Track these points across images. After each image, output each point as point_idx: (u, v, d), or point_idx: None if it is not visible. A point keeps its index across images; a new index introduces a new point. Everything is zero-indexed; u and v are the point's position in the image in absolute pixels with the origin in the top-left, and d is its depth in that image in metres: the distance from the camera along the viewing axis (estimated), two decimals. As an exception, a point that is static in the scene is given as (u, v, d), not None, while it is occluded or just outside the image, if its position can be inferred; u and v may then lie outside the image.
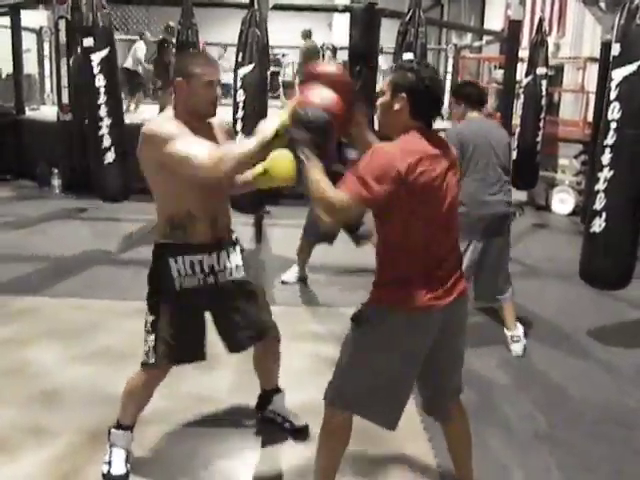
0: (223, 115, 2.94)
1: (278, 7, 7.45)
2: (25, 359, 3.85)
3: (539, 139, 8.23)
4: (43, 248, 6.27)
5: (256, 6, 6.62)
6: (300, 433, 3.09)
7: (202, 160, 2.37)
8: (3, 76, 12.53)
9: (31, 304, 4.74)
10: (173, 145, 2.42)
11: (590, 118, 8.98)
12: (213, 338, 2.85)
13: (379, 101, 2.32)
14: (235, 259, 2.79)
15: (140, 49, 11.48)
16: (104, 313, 4.55)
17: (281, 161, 2.38)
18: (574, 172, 8.98)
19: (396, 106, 2.25)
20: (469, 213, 3.91)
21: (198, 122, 2.58)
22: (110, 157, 6.48)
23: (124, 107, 11.03)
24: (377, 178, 2.09)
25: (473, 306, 4.61)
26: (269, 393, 3.16)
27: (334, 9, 12.61)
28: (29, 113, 10.53)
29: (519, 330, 4.29)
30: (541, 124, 8.26)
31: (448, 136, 3.91)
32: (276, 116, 2.35)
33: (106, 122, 6.43)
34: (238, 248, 2.84)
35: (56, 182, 9.13)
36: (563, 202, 9.04)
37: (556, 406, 3.61)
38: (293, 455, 3.00)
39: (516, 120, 8.53)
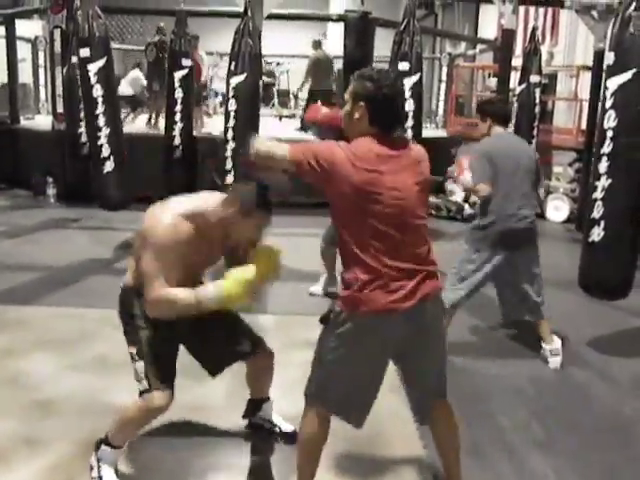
0: (216, 124, 2.97)
1: (272, 16, 7.47)
2: (19, 369, 3.83)
3: (533, 147, 8.24)
4: (37, 257, 6.26)
5: (250, 15, 6.65)
6: (289, 437, 3.11)
7: (152, 293, 2.51)
8: (-2, 86, 12.53)
9: (25, 314, 4.72)
10: (152, 260, 2.51)
11: (584, 126, 9.02)
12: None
13: (343, 110, 2.40)
14: None
15: (140, 78, 11.47)
16: (98, 322, 4.53)
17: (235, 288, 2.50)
18: (568, 180, 9.01)
19: (356, 114, 2.33)
20: (494, 226, 3.99)
21: (218, 232, 2.63)
22: (109, 166, 6.49)
23: (122, 116, 11.05)
24: (315, 154, 2.24)
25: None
26: (259, 401, 3.18)
27: (328, 18, 12.66)
28: (24, 122, 10.55)
29: (557, 343, 4.24)
30: (535, 132, 8.29)
31: (475, 152, 4.08)
32: (220, 287, 2.49)
33: (105, 132, 6.44)
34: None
35: (51, 191, 9.12)
36: (557, 209, 9.06)
37: (553, 414, 3.60)
38: (283, 463, 3.00)
39: (509, 128, 8.55)
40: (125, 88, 11.11)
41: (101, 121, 6.46)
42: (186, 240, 2.53)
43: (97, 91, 6.44)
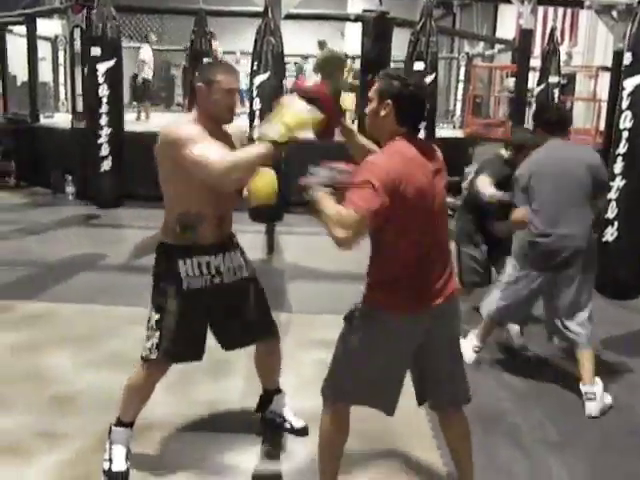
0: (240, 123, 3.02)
1: (290, 16, 7.49)
2: (38, 364, 3.88)
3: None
4: (56, 254, 6.33)
5: (270, 15, 6.67)
6: (300, 433, 3.15)
7: (214, 164, 2.46)
8: (19, 84, 12.66)
9: (44, 310, 4.78)
10: (190, 147, 2.51)
11: (602, 127, 8.97)
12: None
13: (367, 108, 2.41)
14: (238, 259, 2.90)
15: (145, 52, 11.53)
16: (116, 319, 4.58)
17: (263, 182, 2.58)
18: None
19: (382, 112, 2.34)
20: (534, 246, 3.68)
21: (216, 127, 2.68)
22: (106, 165, 6.57)
23: (135, 117, 11.11)
24: (376, 190, 2.14)
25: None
26: (270, 393, 3.21)
27: (346, 18, 12.65)
28: (44, 120, 10.64)
29: (597, 387, 3.62)
30: (553, 132, 8.24)
31: (518, 171, 3.79)
32: (278, 121, 2.45)
33: (105, 131, 6.53)
34: (239, 249, 2.95)
35: (70, 189, 9.20)
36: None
37: (566, 415, 3.59)
38: (294, 458, 3.04)
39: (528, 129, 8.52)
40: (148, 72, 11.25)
41: (103, 120, 6.55)
42: (197, 131, 2.58)
43: (103, 90, 6.53)
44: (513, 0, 6.61)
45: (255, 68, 6.43)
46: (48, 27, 12.33)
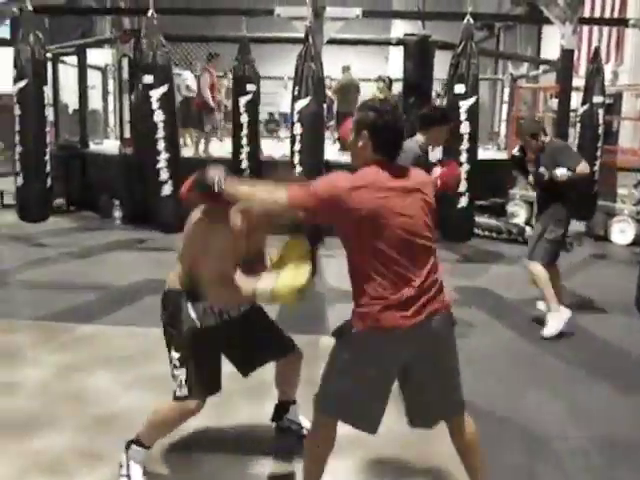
0: (280, 148, 3.11)
1: (333, 41, 7.58)
2: (82, 384, 3.97)
3: (596, 168, 8.08)
4: (103, 277, 6.47)
5: (311, 41, 6.77)
6: None
7: None
8: (70, 112, 13.04)
9: (90, 332, 4.89)
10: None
11: (650, 147, 8.82)
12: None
13: (349, 140, 2.52)
14: None
15: (187, 76, 11.74)
16: (160, 342, 4.62)
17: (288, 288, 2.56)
18: (634, 201, 8.78)
19: (360, 143, 2.46)
20: None
21: None
22: (167, 190, 6.67)
23: (190, 144, 11.26)
24: (317, 193, 2.34)
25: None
26: (287, 404, 3.32)
27: (388, 42, 12.73)
28: (93, 147, 10.93)
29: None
30: (598, 153, 8.12)
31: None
32: (269, 284, 2.55)
33: (164, 156, 6.64)
34: None
35: (117, 213, 9.40)
36: (623, 232, 8.84)
37: (611, 443, 3.49)
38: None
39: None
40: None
41: (160, 145, 6.67)
42: (216, 225, 2.65)
43: (158, 116, 6.66)
44: (554, 21, 6.57)
45: (296, 93, 6.52)
46: (98, 57, 12.71)
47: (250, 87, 8.68)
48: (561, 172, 4.95)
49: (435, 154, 5.29)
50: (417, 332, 2.40)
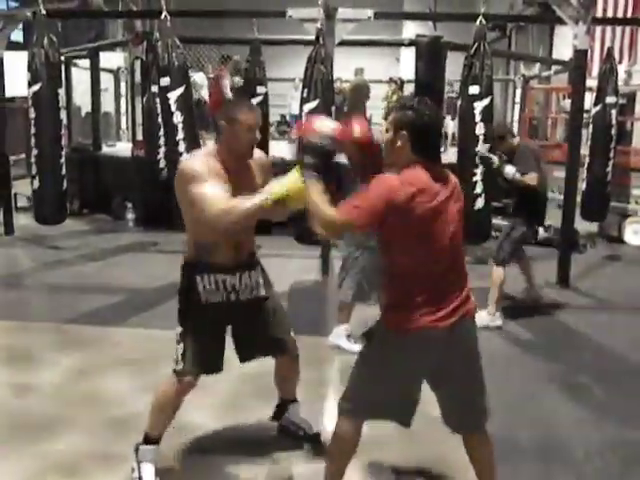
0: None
1: (344, 43, 7.57)
2: (98, 387, 3.99)
3: (609, 169, 8.02)
4: (117, 280, 6.50)
5: (322, 42, 6.76)
6: (313, 440, 3.27)
7: (209, 208, 2.64)
8: (83, 114, 13.10)
9: (105, 334, 4.91)
10: (194, 185, 2.70)
11: (664, 147, 8.76)
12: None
13: (384, 138, 2.49)
14: (256, 278, 3.02)
15: (199, 77, 11.78)
16: (173, 343, 4.65)
17: (296, 188, 2.57)
18: (648, 203, 8.73)
19: (398, 143, 2.43)
20: None
21: (237, 161, 2.85)
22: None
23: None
24: (370, 206, 2.32)
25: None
26: (286, 402, 3.35)
27: (400, 43, 12.69)
28: (105, 149, 10.95)
29: None
30: (611, 154, 8.06)
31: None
32: (285, 181, 2.58)
33: (185, 157, 6.63)
34: (259, 268, 3.07)
35: (130, 216, 9.44)
36: (636, 233, 8.78)
37: (628, 445, 3.48)
38: (305, 467, 3.14)
39: (585, 150, 8.36)
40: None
41: (182, 146, 6.68)
42: (210, 166, 2.76)
43: (177, 118, 6.66)
44: (567, 21, 6.53)
45: (305, 95, 6.52)
46: (110, 59, 12.75)
47: (260, 89, 8.70)
48: (509, 169, 5.19)
49: None
50: (450, 334, 2.41)
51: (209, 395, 3.84)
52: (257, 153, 2.98)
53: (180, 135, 6.69)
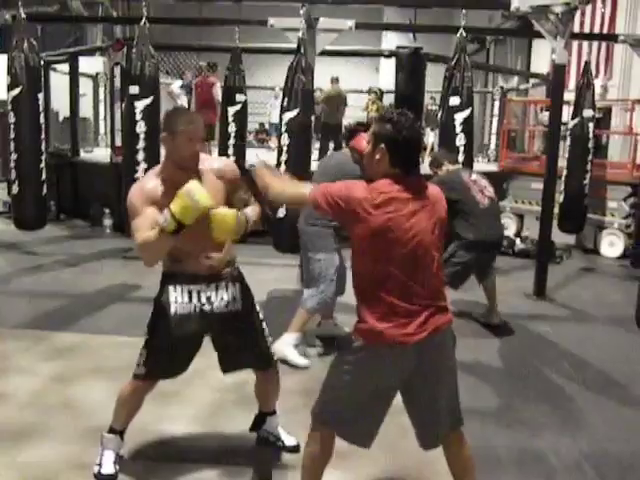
0: (267, 157, 3.17)
1: (325, 52, 7.59)
2: (73, 395, 3.94)
3: (586, 182, 8.13)
4: (93, 286, 6.44)
5: (303, 52, 6.78)
6: (291, 451, 3.28)
7: (135, 243, 2.73)
8: (60, 119, 12.99)
9: (79, 340, 4.86)
10: (132, 220, 2.78)
11: (639, 160, 8.88)
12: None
13: (365, 151, 2.53)
14: (233, 292, 3.01)
15: (175, 86, 11.85)
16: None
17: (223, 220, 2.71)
18: (623, 215, 8.85)
19: (377, 156, 2.45)
20: None
21: (184, 174, 2.76)
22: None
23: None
24: (337, 195, 2.40)
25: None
26: (264, 414, 3.35)
27: (380, 54, 12.77)
28: (84, 155, 10.90)
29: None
30: (588, 167, 8.17)
31: None
32: (172, 204, 2.60)
33: (142, 166, 6.65)
34: (239, 281, 3.05)
35: (107, 222, 9.37)
36: (612, 245, 8.90)
37: (606, 457, 3.50)
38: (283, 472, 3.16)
39: (563, 163, 8.46)
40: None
41: (140, 156, 6.68)
42: (148, 192, 2.78)
43: (140, 127, 6.67)
44: (545, 35, 6.61)
45: (285, 104, 6.53)
46: (90, 65, 12.69)
47: (240, 97, 8.72)
48: None
49: None
50: (419, 349, 2.39)
51: (191, 404, 3.82)
52: (217, 162, 2.99)
53: (141, 144, 6.70)
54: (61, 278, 6.79)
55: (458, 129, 6.47)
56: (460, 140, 6.38)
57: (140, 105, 6.67)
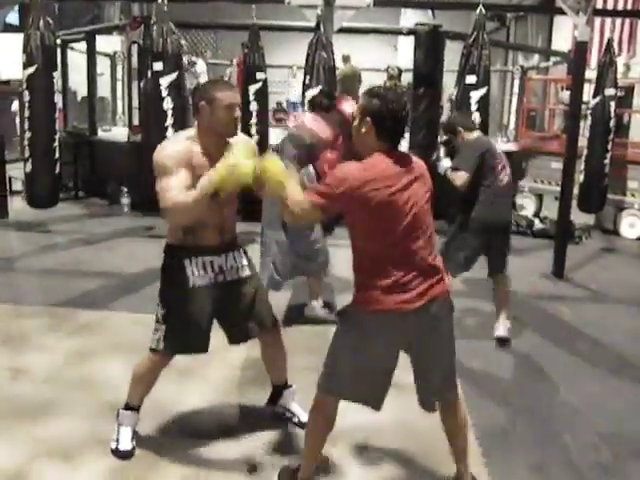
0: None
1: (343, 30, 7.53)
2: (91, 371, 3.98)
3: (607, 161, 8.03)
4: (111, 264, 6.48)
5: (322, 29, 6.73)
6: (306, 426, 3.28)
7: (163, 205, 2.74)
8: (78, 99, 13.02)
9: (98, 318, 4.90)
10: (160, 179, 2.78)
11: (661, 140, 8.75)
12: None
13: (353, 125, 2.57)
14: (240, 259, 3.08)
15: (199, 66, 11.76)
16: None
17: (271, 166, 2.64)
18: (644, 195, 8.74)
19: (363, 129, 2.50)
20: None
21: (218, 143, 2.84)
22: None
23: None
24: (331, 192, 2.42)
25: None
26: (280, 388, 3.38)
27: (399, 32, 12.63)
28: (101, 134, 10.90)
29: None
30: (609, 146, 8.06)
31: None
32: (215, 173, 2.64)
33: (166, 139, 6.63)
34: (242, 249, 3.12)
35: (125, 200, 9.39)
36: (632, 226, 8.80)
37: (621, 437, 3.49)
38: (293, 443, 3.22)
39: (583, 142, 8.35)
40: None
41: (170, 133, 6.65)
42: (181, 154, 2.77)
43: (167, 104, 6.65)
44: (567, 11, 6.49)
45: (307, 82, 6.49)
46: (107, 43, 12.66)
47: (260, 75, 8.65)
48: (442, 164, 4.62)
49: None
50: (417, 316, 2.47)
51: (207, 381, 3.85)
52: (241, 137, 3.00)
53: (169, 121, 6.68)
54: (79, 256, 6.83)
55: (474, 107, 6.42)
56: (475, 119, 6.32)
57: (165, 82, 6.65)
